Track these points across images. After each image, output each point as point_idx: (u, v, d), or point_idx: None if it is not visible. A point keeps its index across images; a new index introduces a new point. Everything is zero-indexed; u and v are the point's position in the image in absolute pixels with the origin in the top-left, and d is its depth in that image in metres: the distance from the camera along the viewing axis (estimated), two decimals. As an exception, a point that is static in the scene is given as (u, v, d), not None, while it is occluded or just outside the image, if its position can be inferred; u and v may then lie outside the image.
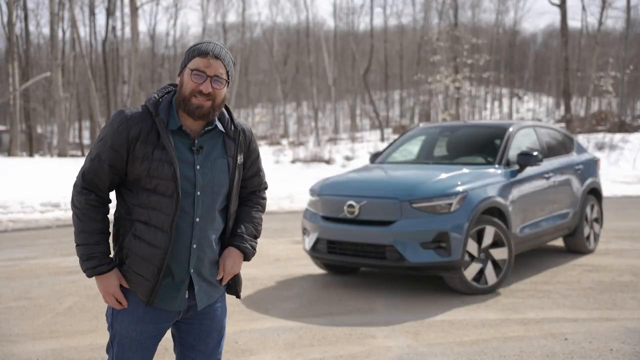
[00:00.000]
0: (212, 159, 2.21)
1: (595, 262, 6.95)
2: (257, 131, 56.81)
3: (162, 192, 2.12)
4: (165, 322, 2.25)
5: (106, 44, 40.13)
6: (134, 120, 2.12)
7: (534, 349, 4.19)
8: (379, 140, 30.35)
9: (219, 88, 2.14)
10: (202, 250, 2.21)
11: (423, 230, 5.34)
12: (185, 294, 2.22)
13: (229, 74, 2.19)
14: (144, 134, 2.12)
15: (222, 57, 2.16)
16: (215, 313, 2.33)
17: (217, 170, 2.21)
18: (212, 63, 2.13)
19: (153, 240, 2.13)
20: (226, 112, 2.29)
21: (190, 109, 2.13)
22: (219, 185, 2.22)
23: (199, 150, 2.19)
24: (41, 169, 17.30)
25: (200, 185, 2.18)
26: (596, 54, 33.87)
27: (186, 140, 2.18)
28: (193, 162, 2.17)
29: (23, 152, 31.99)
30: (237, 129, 2.28)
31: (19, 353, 4.24)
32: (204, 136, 2.21)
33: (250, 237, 2.34)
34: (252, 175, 2.39)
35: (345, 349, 4.27)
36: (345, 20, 55.19)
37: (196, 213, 2.18)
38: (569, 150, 7.51)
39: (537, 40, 75.23)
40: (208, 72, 2.12)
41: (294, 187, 15.28)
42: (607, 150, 20.95)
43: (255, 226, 2.37)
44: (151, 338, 2.24)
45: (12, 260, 7.51)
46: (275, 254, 7.70)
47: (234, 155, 2.25)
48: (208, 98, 2.13)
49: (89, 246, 2.15)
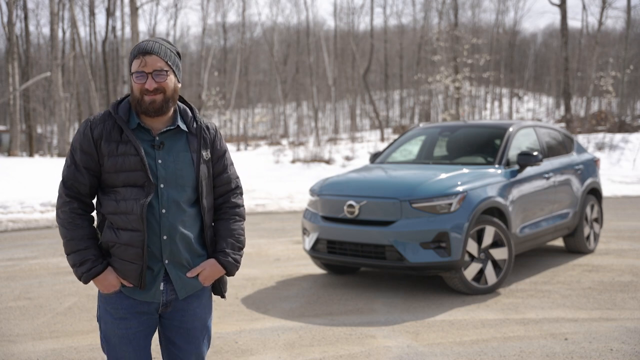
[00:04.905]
0: (174, 154, 2.30)
1: (595, 262, 6.95)
2: (257, 131, 56.83)
3: (132, 184, 2.24)
4: (146, 315, 2.31)
5: (106, 44, 40.12)
6: (96, 122, 2.27)
7: (534, 349, 4.19)
8: (379, 140, 30.33)
9: (162, 81, 2.23)
10: (173, 242, 2.29)
11: (423, 230, 5.34)
12: (160, 286, 2.30)
13: (170, 64, 2.27)
14: (106, 132, 2.25)
15: (156, 51, 2.24)
16: (195, 311, 2.38)
17: (180, 164, 2.30)
18: (147, 61, 2.22)
19: (129, 226, 2.23)
20: (189, 110, 2.40)
21: (144, 107, 2.24)
22: (183, 178, 2.30)
23: (160, 146, 2.29)
24: (41, 169, 17.29)
25: (162, 178, 2.27)
26: (596, 54, 33.85)
27: (147, 137, 2.29)
28: (154, 157, 2.27)
29: (23, 152, 31.98)
30: (200, 125, 2.38)
31: (19, 353, 4.24)
32: (165, 133, 2.31)
33: (232, 250, 2.41)
34: (220, 172, 2.44)
35: (345, 349, 4.27)
36: (346, 20, 55.25)
37: (161, 205, 2.26)
38: (569, 150, 7.51)
39: (537, 40, 75.24)
40: (146, 70, 2.22)
41: (294, 187, 15.29)
42: (607, 150, 20.95)
43: (236, 238, 2.43)
44: (139, 333, 2.30)
45: (12, 260, 7.51)
46: (275, 254, 7.70)
47: (198, 150, 2.34)
48: (156, 92, 2.23)
49: (80, 252, 2.25)
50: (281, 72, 51.57)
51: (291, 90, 56.73)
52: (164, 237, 2.27)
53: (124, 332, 2.28)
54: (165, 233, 2.27)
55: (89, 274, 2.24)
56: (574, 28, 60.87)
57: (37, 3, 76.22)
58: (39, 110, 40.37)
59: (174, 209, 2.28)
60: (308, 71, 50.97)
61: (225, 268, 2.38)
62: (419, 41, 51.64)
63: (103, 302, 2.32)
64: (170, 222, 2.27)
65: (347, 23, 54.33)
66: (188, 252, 2.33)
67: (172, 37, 47.44)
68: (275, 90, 55.49)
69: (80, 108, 41.50)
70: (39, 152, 39.41)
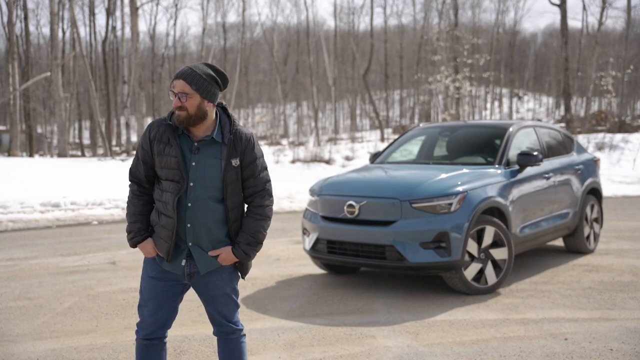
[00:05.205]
0: (207, 159, 2.79)
1: (595, 262, 6.95)
2: (257, 131, 56.84)
3: (171, 179, 2.78)
4: (172, 281, 2.90)
5: (106, 44, 40.12)
6: (154, 125, 2.85)
7: (534, 349, 4.19)
8: (379, 140, 30.31)
9: (185, 101, 2.72)
10: (196, 229, 2.80)
11: (423, 230, 5.34)
12: (182, 262, 2.85)
13: (196, 88, 2.72)
14: (159, 135, 2.81)
15: (184, 77, 2.72)
16: (216, 283, 2.90)
17: (209, 168, 2.79)
18: (175, 84, 2.74)
19: (166, 212, 2.80)
20: (229, 123, 2.85)
21: (175, 119, 2.78)
22: (211, 180, 2.78)
23: (197, 150, 2.78)
24: (41, 169, 17.30)
25: (193, 177, 2.77)
26: (596, 54, 33.87)
27: (188, 143, 2.81)
28: (190, 159, 2.78)
29: (23, 152, 31.97)
30: (233, 136, 2.82)
31: (19, 353, 4.25)
32: (203, 141, 2.80)
33: (244, 244, 2.86)
34: (247, 177, 2.87)
35: (345, 349, 4.27)
36: (346, 20, 55.24)
37: (189, 199, 2.77)
38: (569, 150, 7.51)
39: (537, 40, 75.23)
40: (175, 91, 2.74)
41: (294, 187, 15.28)
42: (607, 150, 20.95)
43: (252, 234, 2.87)
44: (163, 292, 2.90)
45: (12, 260, 7.51)
46: (275, 254, 7.70)
47: (226, 158, 2.79)
48: (181, 109, 2.73)
49: (130, 224, 2.91)
50: (281, 72, 51.56)
51: (291, 90, 56.72)
52: (188, 225, 2.79)
53: (152, 288, 2.90)
54: (189, 222, 2.79)
55: (132, 241, 2.90)
56: (574, 28, 60.88)
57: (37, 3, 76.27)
58: (39, 110, 40.37)
59: (199, 204, 2.78)
60: (308, 71, 50.94)
61: (236, 257, 2.85)
62: (419, 41, 51.63)
63: (144, 262, 2.96)
64: (193, 214, 2.78)
65: (347, 23, 54.34)
66: (208, 239, 2.82)
67: (172, 37, 47.46)
68: (275, 90, 55.48)
69: (80, 108, 41.50)
70: (39, 152, 39.40)
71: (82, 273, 6.72)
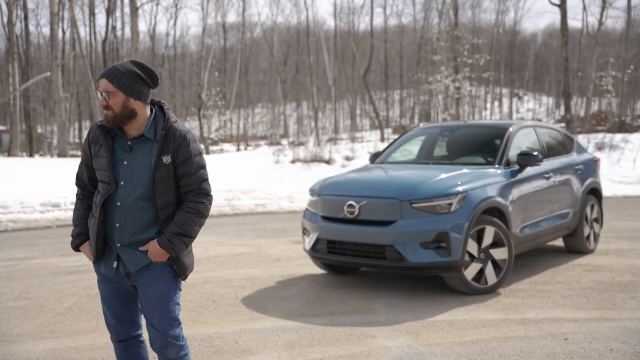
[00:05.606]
0: (138, 157, 2.77)
1: (595, 262, 6.95)
2: (257, 131, 56.83)
3: (103, 180, 2.79)
4: (114, 282, 2.87)
5: (106, 44, 40.12)
6: (92, 128, 2.86)
7: (534, 349, 4.19)
8: (379, 140, 30.30)
9: (108, 99, 2.71)
10: (124, 229, 2.76)
11: (423, 230, 5.34)
12: (114, 264, 2.81)
13: (118, 86, 2.70)
14: (95, 137, 2.83)
15: (107, 75, 2.72)
16: (148, 281, 2.79)
17: (139, 166, 2.75)
18: (100, 83, 2.74)
19: (95, 214, 2.80)
20: (163, 119, 2.80)
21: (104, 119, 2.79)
22: (141, 178, 2.75)
23: (129, 149, 2.77)
24: (41, 169, 17.29)
25: (123, 176, 2.75)
26: (596, 54, 33.86)
27: (122, 142, 2.80)
28: (122, 159, 2.77)
29: (23, 152, 31.97)
30: (165, 133, 2.77)
31: (19, 353, 4.25)
32: (136, 139, 2.78)
33: (170, 232, 2.75)
34: (182, 176, 2.80)
35: (345, 349, 4.27)
36: (346, 20, 55.23)
37: (118, 198, 2.75)
38: (569, 150, 7.51)
39: (537, 40, 75.23)
40: (100, 90, 2.74)
41: (294, 187, 15.29)
42: (607, 150, 20.95)
43: (180, 224, 2.76)
44: (111, 295, 2.90)
45: (12, 260, 7.51)
46: (275, 254, 7.70)
47: (157, 155, 2.73)
48: (107, 109, 2.73)
49: (73, 228, 2.94)
50: (281, 72, 51.56)
51: (291, 90, 56.71)
52: (117, 224, 2.76)
53: (102, 292, 2.91)
54: (117, 221, 2.76)
55: (72, 245, 2.92)
56: (574, 28, 60.85)
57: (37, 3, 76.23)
58: (39, 110, 40.36)
59: (127, 203, 2.74)
60: (308, 71, 50.94)
61: (161, 247, 2.74)
62: (419, 41, 51.63)
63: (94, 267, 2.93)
64: (121, 213, 2.75)
65: (347, 23, 54.33)
66: (138, 239, 2.76)
67: (172, 37, 47.45)
68: (275, 90, 55.48)
69: (80, 108, 41.48)
70: (39, 152, 39.40)
71: (82, 273, 6.72)
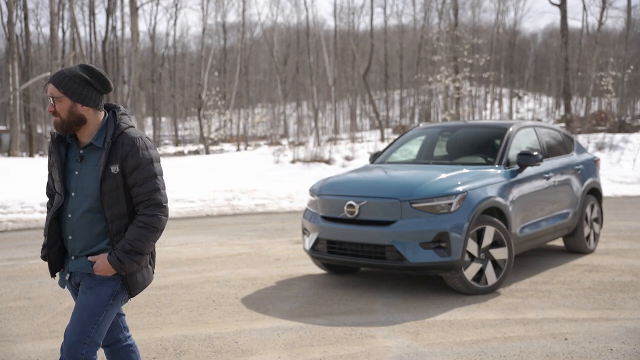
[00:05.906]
0: (89, 167, 2.66)
1: (595, 262, 6.95)
2: (257, 131, 56.78)
3: (57, 190, 2.72)
4: (75, 294, 2.81)
5: (106, 44, 40.14)
6: (52, 137, 2.74)
7: (534, 349, 4.19)
8: (379, 140, 30.29)
9: (55, 105, 2.62)
10: (76, 242, 2.68)
11: (423, 230, 5.34)
12: (67, 276, 2.76)
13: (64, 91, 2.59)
14: (52, 146, 2.72)
15: (53, 80, 2.62)
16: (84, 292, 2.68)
17: (89, 177, 2.65)
18: (47, 89, 2.64)
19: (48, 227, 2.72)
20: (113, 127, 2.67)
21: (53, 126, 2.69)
22: (90, 189, 2.64)
23: (80, 159, 2.67)
24: (41, 169, 17.28)
25: (74, 187, 2.66)
26: (596, 54, 33.86)
27: (75, 151, 2.70)
28: (74, 169, 2.68)
29: (23, 152, 31.97)
30: (113, 141, 2.64)
31: (19, 353, 4.25)
32: (87, 148, 2.68)
33: (120, 250, 2.62)
34: (132, 185, 2.67)
35: (345, 349, 4.27)
36: (346, 20, 55.24)
37: (69, 209, 2.67)
38: (569, 150, 7.51)
39: (537, 40, 75.24)
40: (48, 95, 2.64)
41: (294, 187, 15.28)
42: (607, 150, 20.94)
43: (130, 241, 2.63)
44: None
45: (12, 260, 7.51)
46: (275, 254, 7.70)
47: (105, 164, 2.61)
48: (55, 115, 2.63)
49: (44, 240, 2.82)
50: (281, 72, 51.54)
51: (291, 90, 56.70)
52: (69, 237, 2.69)
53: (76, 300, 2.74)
54: (70, 234, 2.69)
55: (40, 256, 2.83)
56: (574, 28, 60.89)
57: (37, 3, 76.25)
58: (39, 110, 40.34)
59: (78, 215, 2.65)
60: (308, 71, 50.94)
61: (111, 264, 2.62)
62: (419, 41, 51.64)
63: None
64: (72, 226, 2.67)
65: (347, 23, 54.34)
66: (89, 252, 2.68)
67: (172, 37, 47.46)
68: (275, 90, 55.46)
69: (80, 108, 41.44)
70: (39, 152, 39.37)
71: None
